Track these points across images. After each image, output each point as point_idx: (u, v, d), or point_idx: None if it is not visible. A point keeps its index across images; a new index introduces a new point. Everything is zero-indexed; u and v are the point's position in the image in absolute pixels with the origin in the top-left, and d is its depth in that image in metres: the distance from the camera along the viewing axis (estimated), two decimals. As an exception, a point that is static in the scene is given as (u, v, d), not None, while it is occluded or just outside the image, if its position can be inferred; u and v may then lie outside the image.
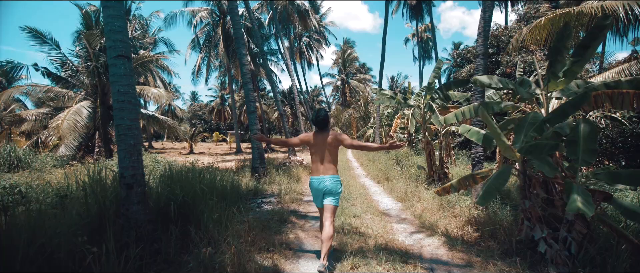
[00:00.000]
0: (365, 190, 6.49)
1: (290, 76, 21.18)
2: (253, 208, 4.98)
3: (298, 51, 34.54)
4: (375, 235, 3.59)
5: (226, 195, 4.55)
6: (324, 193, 2.89)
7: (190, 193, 3.24)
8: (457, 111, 4.50)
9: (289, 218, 4.28)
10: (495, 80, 3.85)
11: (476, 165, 5.05)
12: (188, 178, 3.69)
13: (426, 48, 34.80)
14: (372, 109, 25.01)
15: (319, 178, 2.89)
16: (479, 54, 5.12)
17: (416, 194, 5.42)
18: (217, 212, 3.26)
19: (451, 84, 6.79)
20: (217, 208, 3.28)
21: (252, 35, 21.30)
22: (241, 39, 7.91)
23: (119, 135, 2.70)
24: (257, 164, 7.77)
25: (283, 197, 5.59)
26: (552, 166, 3.08)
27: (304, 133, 3.47)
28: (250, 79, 8.05)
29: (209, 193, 3.61)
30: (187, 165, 9.60)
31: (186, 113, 54.28)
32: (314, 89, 48.28)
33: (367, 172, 9.53)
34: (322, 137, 2.98)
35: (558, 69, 3.50)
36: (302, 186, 7.19)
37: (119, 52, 2.70)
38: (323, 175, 2.89)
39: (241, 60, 7.94)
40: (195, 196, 3.22)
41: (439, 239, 3.58)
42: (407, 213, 4.71)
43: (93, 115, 13.77)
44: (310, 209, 5.05)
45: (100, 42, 13.23)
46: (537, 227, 3.25)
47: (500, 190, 3.03)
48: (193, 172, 4.20)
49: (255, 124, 8.04)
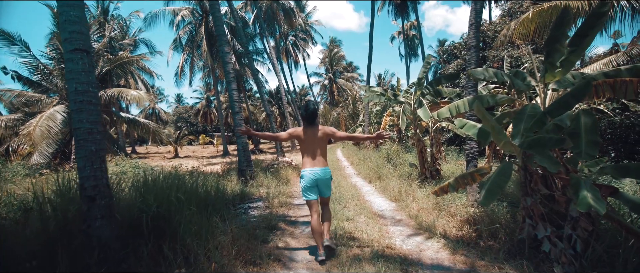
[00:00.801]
0: (357, 191, 6.26)
1: (277, 76, 20.80)
2: (239, 215, 4.66)
3: (284, 50, 34.14)
4: (371, 240, 3.34)
5: (210, 202, 4.22)
6: (317, 184, 3.04)
7: (165, 203, 2.90)
8: (451, 105, 4.31)
9: (277, 224, 3.99)
10: (490, 73, 3.67)
11: (470, 161, 4.88)
12: (163, 187, 3.34)
13: (412, 45, 35.01)
14: (361, 107, 24.90)
15: (313, 170, 3.02)
16: (471, 46, 4.96)
17: (410, 193, 5.22)
18: (196, 222, 2.94)
19: (441, 79, 6.65)
20: (197, 219, 2.96)
21: (236, 35, 20.80)
22: (223, 36, 7.55)
23: (77, 141, 2.36)
24: (244, 167, 7.43)
25: (271, 201, 5.29)
26: (554, 161, 2.91)
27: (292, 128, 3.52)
28: (234, 78, 7.70)
29: (188, 201, 3.28)
30: (170, 170, 9.17)
31: (171, 116, 52.97)
32: (302, 89, 47.92)
33: (358, 171, 9.31)
34: (312, 131, 3.10)
35: (556, 58, 3.34)
36: (292, 188, 6.90)
37: (76, 46, 2.35)
38: (317, 167, 3.03)
39: (224, 58, 7.57)
40: (170, 206, 2.89)
41: (438, 242, 3.37)
42: (402, 214, 4.50)
43: (69, 120, 13.06)
44: (300, 213, 4.77)
45: None
46: (540, 225, 3.07)
47: (503, 188, 2.84)
48: (170, 179, 3.84)
49: (240, 125, 7.69)
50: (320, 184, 3.05)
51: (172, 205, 2.90)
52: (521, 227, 3.30)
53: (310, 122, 3.10)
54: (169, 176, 3.99)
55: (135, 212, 2.82)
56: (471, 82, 4.95)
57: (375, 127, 16.69)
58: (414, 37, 36.04)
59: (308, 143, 3.05)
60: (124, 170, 8.78)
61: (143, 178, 3.67)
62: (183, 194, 3.38)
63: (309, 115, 3.09)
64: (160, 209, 2.79)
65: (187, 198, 3.36)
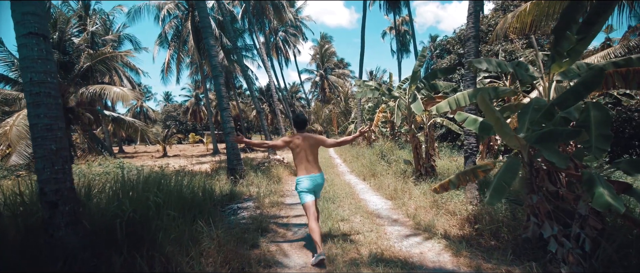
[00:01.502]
0: (352, 189, 6.04)
1: (267, 72, 20.39)
2: (228, 216, 4.38)
3: (274, 46, 33.63)
4: (368, 242, 3.12)
5: (196, 203, 3.93)
6: (315, 189, 3.11)
7: (142, 207, 2.61)
8: (450, 99, 4.11)
9: (268, 226, 3.73)
10: (493, 63, 3.47)
11: (469, 157, 4.70)
12: (142, 189, 3.04)
13: (404, 41, 34.94)
14: (353, 104, 24.71)
15: (312, 177, 3.09)
16: (470, 36, 4.76)
17: (406, 191, 5.03)
18: (178, 228, 2.66)
19: (437, 72, 6.46)
20: (179, 224, 2.68)
21: (224, 30, 20.27)
22: (209, 28, 7.20)
23: (35, 138, 2.05)
24: (234, 165, 7.13)
25: (262, 201, 5.02)
26: (563, 156, 2.73)
27: (285, 136, 3.53)
28: (221, 72, 7.36)
29: (170, 204, 2.99)
30: (156, 170, 8.79)
31: (160, 114, 51.83)
32: (293, 86, 47.47)
33: (352, 168, 9.10)
34: (305, 138, 3.19)
35: (564, 47, 3.15)
36: (283, 187, 6.64)
37: (30, 29, 2.03)
38: (314, 173, 3.10)
39: (210, 51, 7.23)
40: (149, 211, 2.59)
41: (439, 242, 3.17)
42: (399, 213, 4.29)
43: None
44: (293, 213, 4.52)
45: (53, 37, 11.96)
46: (547, 223, 2.90)
47: (510, 185, 2.65)
48: (151, 180, 3.54)
49: (229, 122, 7.37)
50: (317, 189, 3.16)
51: (150, 210, 2.60)
52: (525, 225, 3.13)
53: (301, 128, 3.29)
54: (149, 177, 3.68)
55: (109, 218, 2.52)
56: (470, 75, 4.77)
57: (368, 124, 16.52)
58: (405, 32, 35.96)
59: (304, 150, 3.13)
60: (107, 171, 8.37)
61: (121, 180, 3.35)
62: (165, 196, 3.09)
63: (299, 123, 3.30)
64: (136, 214, 2.49)
65: (169, 201, 3.08)
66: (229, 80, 27.05)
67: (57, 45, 12.08)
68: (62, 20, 11.94)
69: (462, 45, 14.88)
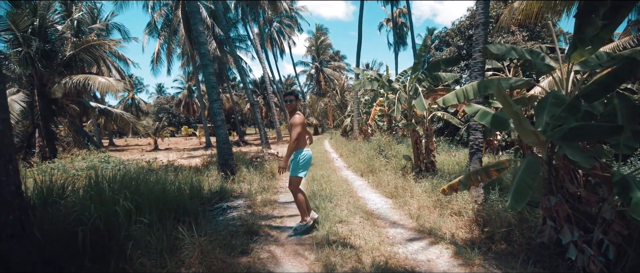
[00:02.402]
0: (349, 186, 5.74)
1: (262, 64, 19.88)
2: (216, 216, 4.05)
3: (269, 37, 32.94)
4: (370, 248, 2.82)
5: (181, 203, 3.59)
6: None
7: (111, 212, 2.25)
8: (458, 90, 3.80)
9: (260, 229, 3.40)
10: (509, 49, 3.15)
11: (475, 154, 4.42)
12: (115, 189, 2.67)
13: (401, 34, 34.49)
14: (349, 97, 24.36)
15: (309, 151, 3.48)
16: (479, 23, 4.44)
17: (407, 189, 4.74)
18: (155, 234, 2.32)
19: (440, 63, 6.14)
20: (155, 230, 2.33)
21: (217, 19, 19.62)
22: (197, 13, 6.75)
23: (-31, 133, 1.68)
24: (224, 160, 6.76)
25: (254, 199, 4.69)
26: (586, 154, 2.44)
27: (296, 117, 3.39)
28: (211, 61, 6.94)
29: (147, 206, 2.64)
30: (144, 164, 8.37)
31: (152, 107, 50.88)
32: (288, 78, 46.82)
33: (348, 163, 8.80)
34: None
35: (588, 33, 2.82)
36: (277, 183, 6.31)
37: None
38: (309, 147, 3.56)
39: (199, 38, 6.78)
40: (116, 217, 2.24)
41: (447, 248, 2.88)
42: (400, 213, 4.00)
43: (30, 110, 11.90)
44: (287, 212, 4.21)
45: (33, 24, 11.32)
46: (566, 228, 2.62)
47: (533, 187, 2.36)
48: (128, 178, 3.17)
49: (219, 114, 6.98)
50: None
51: (117, 217, 2.25)
52: (541, 229, 2.85)
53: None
54: (125, 175, 3.31)
55: (71, 225, 2.16)
56: (478, 65, 4.45)
57: (364, 118, 16.21)
58: (402, 25, 35.49)
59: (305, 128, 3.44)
60: (90, 166, 7.94)
61: (93, 180, 2.97)
62: (144, 197, 2.73)
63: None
64: (103, 221, 2.14)
65: (147, 203, 2.72)
66: (222, 72, 26.39)
67: (38, 32, 11.44)
68: (43, 6, 11.28)
69: (462, 37, 14.56)
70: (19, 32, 10.38)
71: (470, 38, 14.10)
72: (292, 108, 3.45)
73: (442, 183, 4.84)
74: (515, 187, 2.39)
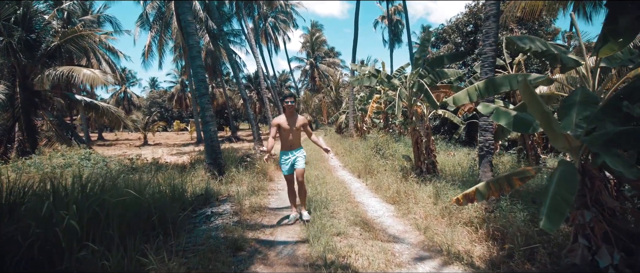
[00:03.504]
0: (346, 189, 5.33)
1: (256, 59, 19.28)
2: (199, 224, 3.62)
3: (263, 33, 32.25)
4: (375, 272, 2.41)
5: (158, 210, 3.14)
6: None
7: (51, 232, 1.80)
8: (470, 88, 3.41)
9: (246, 243, 2.96)
10: (534, 42, 2.75)
11: (485, 156, 4.05)
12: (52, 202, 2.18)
13: (396, 31, 34.15)
14: (344, 94, 23.92)
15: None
16: (490, 14, 4.04)
17: (410, 194, 4.35)
18: (114, 256, 1.88)
19: (444, 59, 5.75)
20: (113, 254, 1.89)
21: (211, 13, 18.96)
22: (186, 2, 6.24)
23: None
24: (212, 159, 6.30)
25: (242, 203, 4.25)
26: (628, 163, 2.07)
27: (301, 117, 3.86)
28: (199, 53, 6.45)
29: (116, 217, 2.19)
30: (126, 162, 7.86)
31: (145, 101, 49.87)
32: (282, 74, 46.16)
33: (344, 163, 8.39)
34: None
35: (621, 23, 2.44)
36: (269, 185, 5.88)
37: None
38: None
39: (187, 28, 6.28)
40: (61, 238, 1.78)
41: (465, 270, 2.49)
42: (405, 223, 3.61)
43: (10, 102, 11.25)
44: (278, 220, 3.78)
45: (17, 12, 10.67)
46: (604, 249, 2.25)
47: (571, 201, 1.98)
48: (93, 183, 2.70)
49: (208, 110, 6.52)
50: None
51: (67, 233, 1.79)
52: (571, 248, 2.48)
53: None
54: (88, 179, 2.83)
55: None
56: (488, 60, 4.07)
57: (360, 115, 15.81)
58: (398, 22, 35.13)
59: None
60: (69, 163, 7.40)
61: (50, 187, 2.49)
62: (106, 208, 2.28)
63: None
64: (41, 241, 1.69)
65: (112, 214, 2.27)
66: (216, 66, 25.71)
67: (21, 21, 10.79)
68: (28, -6, 10.62)
69: (460, 34, 14.21)
70: (0, 21, 9.75)
71: (469, 35, 13.78)
72: (293, 108, 3.73)
73: (446, 186, 4.48)
74: (550, 203, 2.00)
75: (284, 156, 3.71)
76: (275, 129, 3.64)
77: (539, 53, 2.77)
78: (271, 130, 3.66)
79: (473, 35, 12.26)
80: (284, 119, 3.65)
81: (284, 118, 3.66)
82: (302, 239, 3.05)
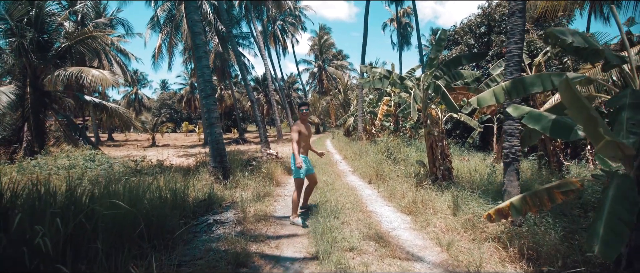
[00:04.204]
0: (357, 196, 5.02)
1: (264, 61, 19.22)
2: (200, 234, 3.37)
3: (272, 35, 32.24)
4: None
5: (155, 219, 2.91)
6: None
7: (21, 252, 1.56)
8: (496, 88, 3.11)
9: (249, 258, 2.69)
10: (578, 37, 2.43)
11: (511, 164, 3.71)
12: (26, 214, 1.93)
13: (405, 34, 33.72)
14: (352, 96, 23.63)
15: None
16: (515, 10, 3.72)
17: (428, 204, 4.03)
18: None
19: (461, 59, 5.43)
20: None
21: (220, 15, 18.96)
22: (193, 1, 6.06)
23: None
24: (217, 162, 6.08)
25: (246, 211, 3.99)
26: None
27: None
28: (206, 53, 6.26)
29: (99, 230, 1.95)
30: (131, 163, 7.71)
31: (155, 102, 50.48)
32: (290, 76, 46.13)
33: (354, 168, 8.08)
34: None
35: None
36: (275, 190, 5.62)
37: None
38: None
39: (193, 28, 6.11)
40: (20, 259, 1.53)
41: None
42: (424, 237, 3.29)
43: (20, 102, 11.31)
44: (284, 231, 3.51)
45: (30, 13, 10.73)
46: (666, 277, 1.92)
47: (632, 224, 1.66)
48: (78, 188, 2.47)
49: (214, 111, 6.30)
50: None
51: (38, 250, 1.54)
52: (623, 272, 2.15)
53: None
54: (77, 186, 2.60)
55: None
56: (514, 59, 3.74)
57: (369, 117, 15.48)
58: (407, 25, 34.70)
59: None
60: (73, 164, 7.28)
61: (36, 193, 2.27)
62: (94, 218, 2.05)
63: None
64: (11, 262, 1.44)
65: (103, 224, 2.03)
66: (224, 68, 25.72)
67: (34, 22, 10.87)
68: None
69: (473, 35, 13.81)
70: (13, 22, 9.83)
71: (482, 36, 13.37)
72: (308, 115, 4.08)
73: (465, 195, 4.14)
74: (606, 224, 1.68)
75: (303, 160, 3.85)
76: (297, 134, 3.79)
77: (581, 49, 2.44)
78: (293, 135, 3.78)
79: (487, 36, 11.85)
80: (302, 125, 3.90)
81: (302, 124, 3.90)
82: (311, 255, 2.76)
